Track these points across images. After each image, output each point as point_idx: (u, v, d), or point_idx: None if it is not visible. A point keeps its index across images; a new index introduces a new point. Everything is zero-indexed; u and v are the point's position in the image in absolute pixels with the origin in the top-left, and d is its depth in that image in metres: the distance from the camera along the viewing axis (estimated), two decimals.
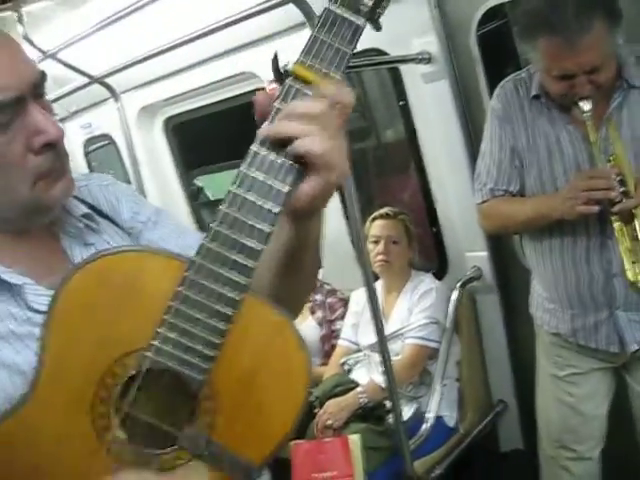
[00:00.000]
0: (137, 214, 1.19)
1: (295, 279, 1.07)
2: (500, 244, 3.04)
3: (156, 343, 0.89)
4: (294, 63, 0.89)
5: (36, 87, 0.98)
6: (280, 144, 0.88)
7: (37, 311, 0.96)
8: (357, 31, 0.91)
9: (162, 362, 0.89)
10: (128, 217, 1.18)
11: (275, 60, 0.95)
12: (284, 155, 0.89)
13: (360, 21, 0.91)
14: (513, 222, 2.24)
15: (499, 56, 2.74)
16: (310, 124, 0.87)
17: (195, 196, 4.58)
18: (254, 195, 0.89)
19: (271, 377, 0.93)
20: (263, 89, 3.25)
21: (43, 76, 1.00)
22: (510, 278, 3.07)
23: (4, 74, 0.94)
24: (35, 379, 0.88)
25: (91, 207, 1.13)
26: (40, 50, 3.31)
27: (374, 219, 3.20)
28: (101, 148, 4.67)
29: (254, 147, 0.89)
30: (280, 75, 0.93)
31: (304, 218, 0.97)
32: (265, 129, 0.88)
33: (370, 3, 0.91)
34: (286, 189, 0.89)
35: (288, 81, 0.89)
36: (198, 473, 0.87)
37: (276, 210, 0.89)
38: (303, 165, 0.89)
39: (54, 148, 0.99)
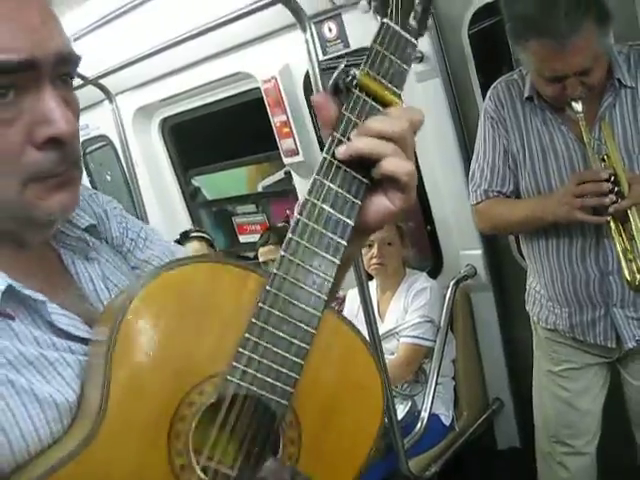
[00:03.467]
0: (126, 230, 1.08)
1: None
2: (494, 242, 3.05)
3: (239, 365, 0.80)
4: (360, 72, 0.86)
5: (59, 64, 0.80)
6: (358, 160, 0.85)
7: (62, 332, 0.84)
8: (413, 50, 0.89)
9: (245, 387, 0.81)
10: (118, 233, 1.06)
11: (340, 72, 0.92)
12: (355, 170, 0.86)
13: (414, 40, 0.89)
14: (507, 223, 2.26)
15: (491, 54, 2.74)
16: (395, 144, 0.84)
17: (192, 196, 4.58)
18: (329, 206, 0.85)
19: (349, 402, 0.89)
20: (257, 89, 3.27)
21: (73, 56, 0.82)
22: (505, 276, 3.08)
23: (17, 30, 0.75)
24: (99, 414, 0.76)
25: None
26: None
27: None
28: (99, 149, 4.68)
29: (327, 156, 0.86)
30: (337, 86, 0.91)
31: (365, 235, 0.95)
32: (348, 146, 0.84)
33: (415, 24, 0.89)
34: (359, 203, 0.87)
35: (356, 91, 0.86)
36: None
37: (351, 223, 0.86)
38: (372, 182, 0.88)
39: (61, 148, 0.80)
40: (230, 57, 3.39)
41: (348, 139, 0.86)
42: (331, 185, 0.85)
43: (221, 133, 4.13)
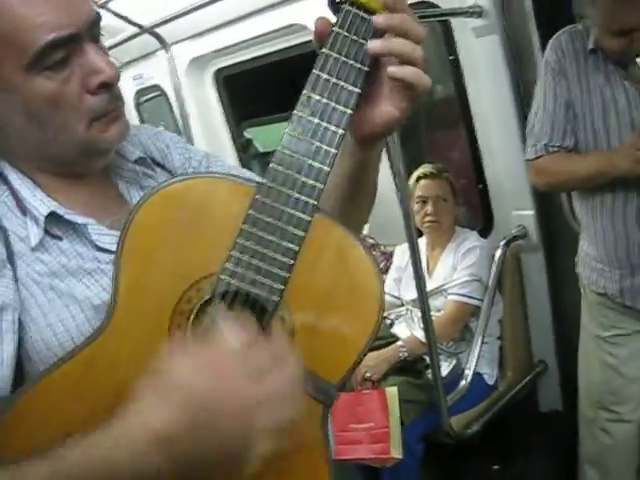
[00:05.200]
0: (189, 159, 1.20)
1: (353, 208, 1.09)
2: (547, 203, 3.00)
3: (229, 266, 0.89)
4: None
5: (92, 27, 0.97)
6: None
7: (103, 250, 0.99)
8: None
9: (236, 284, 0.89)
10: (180, 163, 1.19)
11: None
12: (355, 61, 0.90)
13: None
14: (571, 179, 2.21)
15: (552, 11, 2.66)
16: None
17: (244, 148, 4.59)
18: (326, 97, 0.90)
19: (345, 298, 0.94)
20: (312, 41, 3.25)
21: (98, 17, 0.98)
22: (556, 238, 3.04)
23: (60, 10, 0.92)
24: (111, 307, 0.90)
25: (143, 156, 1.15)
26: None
27: (419, 178, 3.17)
28: (152, 99, 4.70)
29: (316, 71, 0.90)
30: (334, 3, 0.92)
31: (375, 140, 1.01)
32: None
33: None
34: (358, 91, 0.91)
35: (346, 6, 0.89)
36: None
37: (341, 132, 0.90)
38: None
39: (110, 89, 0.98)
40: (285, 9, 3.36)
41: (338, 52, 0.90)
42: (320, 98, 0.90)
43: (274, 85, 4.11)
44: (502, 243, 3.03)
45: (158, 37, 3.84)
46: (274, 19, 3.47)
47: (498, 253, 3.03)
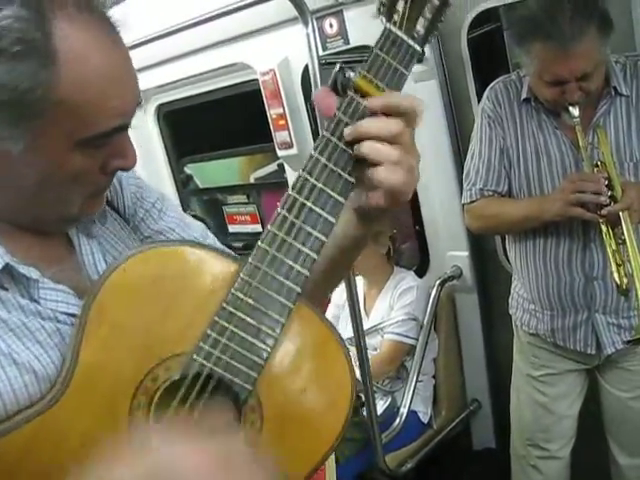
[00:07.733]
0: (140, 200, 1.12)
1: (334, 278, 1.04)
2: (481, 245, 3.07)
3: (205, 346, 0.83)
4: (357, 75, 0.89)
5: None
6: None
7: (45, 306, 0.88)
8: (414, 56, 0.92)
9: (210, 367, 0.83)
10: (130, 203, 1.10)
11: (337, 72, 0.93)
12: (343, 167, 0.89)
13: (418, 47, 0.91)
14: (503, 223, 2.27)
15: (489, 59, 2.76)
16: (394, 146, 0.88)
17: (184, 184, 4.58)
18: (312, 202, 0.87)
19: (316, 390, 0.90)
20: (255, 80, 3.28)
21: (140, 100, 0.94)
22: (489, 279, 3.10)
23: (130, 96, 0.89)
24: (67, 377, 0.81)
25: None
26: None
27: None
28: None
29: (315, 154, 0.88)
30: (336, 85, 0.92)
31: (366, 220, 0.99)
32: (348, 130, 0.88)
33: (422, 31, 0.92)
34: (343, 202, 0.89)
35: (350, 93, 0.89)
36: None
37: (332, 220, 0.88)
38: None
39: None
40: (230, 47, 3.38)
41: (339, 138, 0.88)
42: (316, 182, 0.88)
43: (216, 122, 4.12)
44: (437, 283, 3.08)
45: None
46: (218, 57, 3.49)
47: (433, 293, 3.07)
